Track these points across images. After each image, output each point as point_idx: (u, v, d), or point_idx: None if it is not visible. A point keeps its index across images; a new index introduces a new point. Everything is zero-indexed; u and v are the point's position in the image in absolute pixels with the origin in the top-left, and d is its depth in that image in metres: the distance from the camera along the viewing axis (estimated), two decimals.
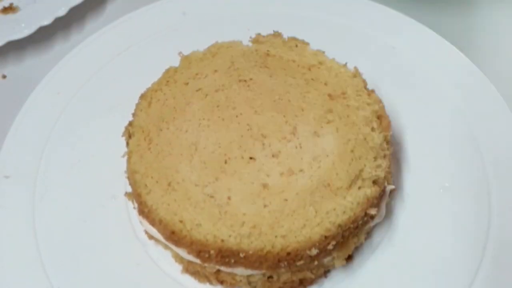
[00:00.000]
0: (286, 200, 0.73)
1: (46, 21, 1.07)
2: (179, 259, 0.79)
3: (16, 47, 1.11)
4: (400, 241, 0.81)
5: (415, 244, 0.80)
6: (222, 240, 0.70)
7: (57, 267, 0.82)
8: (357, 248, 0.80)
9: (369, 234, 0.82)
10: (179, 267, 0.81)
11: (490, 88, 0.92)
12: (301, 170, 0.75)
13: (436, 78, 0.95)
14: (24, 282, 0.80)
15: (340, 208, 0.72)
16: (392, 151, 0.84)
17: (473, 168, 0.85)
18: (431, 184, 0.85)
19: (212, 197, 0.74)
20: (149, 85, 0.88)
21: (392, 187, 0.79)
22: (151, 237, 0.81)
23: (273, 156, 0.77)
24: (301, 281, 0.77)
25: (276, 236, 0.70)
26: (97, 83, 1.01)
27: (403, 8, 1.05)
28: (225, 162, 0.76)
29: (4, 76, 1.09)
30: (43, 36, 1.12)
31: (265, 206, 0.72)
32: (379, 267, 0.79)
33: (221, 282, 0.77)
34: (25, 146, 0.94)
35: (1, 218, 0.87)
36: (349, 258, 0.79)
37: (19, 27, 1.07)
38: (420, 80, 0.96)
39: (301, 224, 0.71)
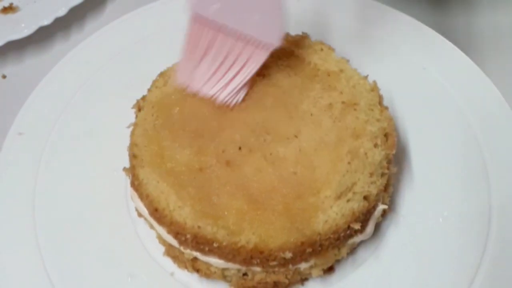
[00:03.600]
0: (272, 199, 0.71)
1: (46, 21, 1.07)
2: (162, 240, 0.79)
3: (16, 47, 1.10)
4: (387, 261, 0.78)
5: (402, 266, 0.77)
6: (199, 227, 0.70)
7: (47, 231, 0.83)
8: (339, 262, 0.78)
9: (354, 250, 0.79)
10: (162, 249, 0.80)
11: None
12: (294, 173, 0.73)
13: (462, 110, 0.92)
14: (14, 241, 0.82)
15: (323, 217, 0.70)
16: (395, 171, 0.81)
17: (478, 200, 0.82)
18: (430, 210, 0.82)
19: (201, 183, 0.73)
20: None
21: (385, 206, 0.76)
22: (140, 215, 0.81)
23: (271, 154, 0.75)
24: (276, 284, 0.75)
25: (253, 233, 0.69)
26: (123, 60, 1.02)
27: (403, 8, 1.02)
28: (223, 151, 0.75)
29: (4, 76, 1.09)
30: (43, 36, 1.11)
31: (249, 202, 0.71)
32: (360, 283, 0.77)
33: (197, 271, 0.76)
34: (44, 108, 0.96)
35: (6, 172, 0.89)
36: (331, 270, 0.77)
37: (19, 27, 1.07)
38: (444, 105, 0.93)
39: (280, 225, 0.69)
